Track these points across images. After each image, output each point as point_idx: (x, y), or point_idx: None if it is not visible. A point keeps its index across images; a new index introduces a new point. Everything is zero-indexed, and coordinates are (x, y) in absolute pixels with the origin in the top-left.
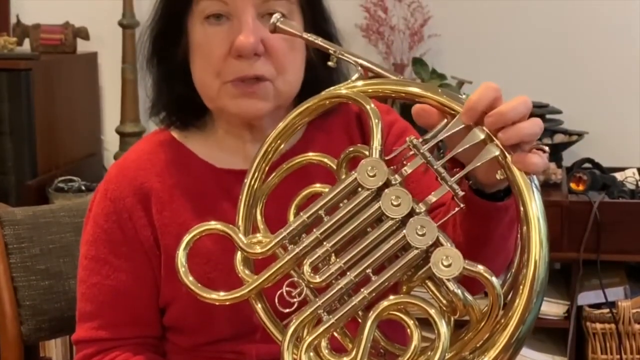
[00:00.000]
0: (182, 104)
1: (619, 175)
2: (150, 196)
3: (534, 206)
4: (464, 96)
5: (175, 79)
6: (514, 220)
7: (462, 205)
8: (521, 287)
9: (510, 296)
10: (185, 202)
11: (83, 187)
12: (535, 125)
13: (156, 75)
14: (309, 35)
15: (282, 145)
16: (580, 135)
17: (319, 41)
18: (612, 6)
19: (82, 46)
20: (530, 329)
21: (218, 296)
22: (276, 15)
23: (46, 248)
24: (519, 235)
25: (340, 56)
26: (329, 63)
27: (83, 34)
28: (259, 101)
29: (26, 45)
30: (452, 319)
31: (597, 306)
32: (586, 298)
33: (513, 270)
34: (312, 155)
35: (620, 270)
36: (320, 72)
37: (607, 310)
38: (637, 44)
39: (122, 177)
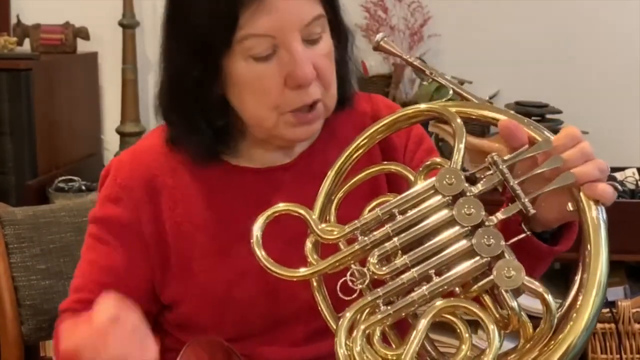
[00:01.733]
0: (219, 135)
1: (619, 175)
2: (162, 191)
3: (601, 242)
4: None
5: (211, 116)
6: (551, 261)
7: (528, 233)
8: (574, 314)
9: (563, 320)
10: (199, 201)
11: (83, 187)
12: (595, 168)
13: (191, 116)
14: (408, 56)
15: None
16: None
17: (417, 62)
18: (612, 6)
19: (82, 46)
20: (579, 353)
21: (289, 272)
22: (381, 34)
23: (46, 248)
24: (580, 265)
25: (435, 78)
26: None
27: (83, 34)
28: (314, 125)
29: (26, 45)
30: (504, 333)
31: None
32: None
33: (570, 299)
34: (393, 166)
35: (620, 270)
36: (341, 69)
37: (607, 309)
38: (637, 44)
39: (136, 164)
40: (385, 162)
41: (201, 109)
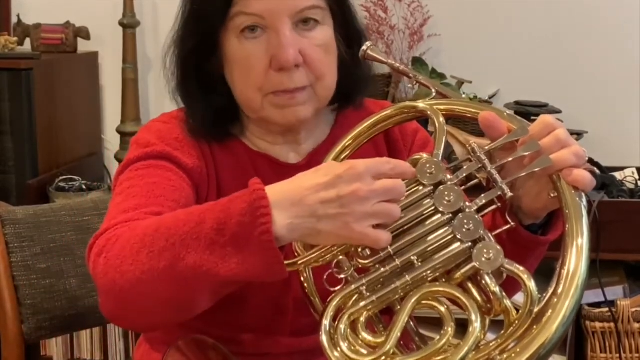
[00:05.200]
0: (220, 115)
1: (618, 175)
2: (206, 159)
3: (581, 233)
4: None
5: (212, 94)
6: (544, 253)
7: (512, 224)
8: (556, 299)
9: (545, 303)
10: (227, 171)
11: (84, 187)
12: (571, 154)
13: (192, 92)
14: (394, 62)
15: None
16: (579, 134)
17: (402, 67)
18: (611, 6)
19: (82, 46)
20: (563, 336)
21: None
22: (367, 44)
23: (47, 247)
24: (562, 250)
25: (418, 80)
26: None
27: (84, 33)
28: (302, 107)
29: (27, 45)
30: (487, 320)
31: (597, 305)
32: (585, 297)
33: (552, 287)
34: None
35: (619, 269)
36: (352, 69)
37: (607, 309)
38: (636, 43)
39: (182, 127)
40: None
41: (200, 84)
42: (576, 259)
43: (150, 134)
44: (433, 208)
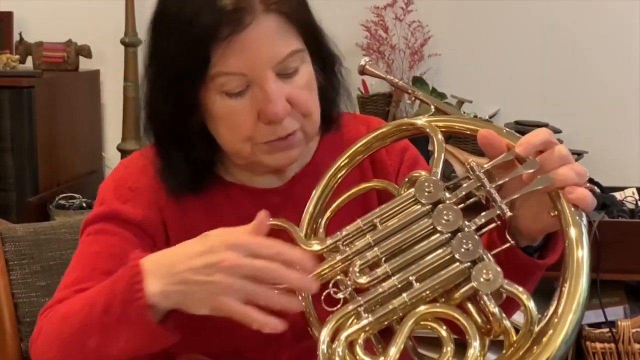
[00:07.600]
0: (200, 168)
1: (618, 195)
2: (168, 201)
3: (581, 248)
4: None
5: (194, 149)
6: (540, 276)
7: (512, 242)
8: (556, 319)
9: (546, 323)
10: (201, 214)
11: (84, 204)
12: (572, 171)
13: (171, 152)
14: (392, 77)
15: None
16: (579, 154)
17: (400, 82)
18: (611, 26)
19: (84, 64)
20: (564, 356)
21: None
22: (366, 59)
23: (47, 265)
24: (562, 272)
25: (417, 96)
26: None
27: (85, 51)
28: (294, 150)
29: (29, 63)
30: (487, 340)
31: (597, 325)
32: (586, 317)
33: (553, 306)
34: (377, 183)
35: (619, 289)
36: (330, 94)
37: (607, 329)
38: (636, 64)
39: (141, 171)
40: (370, 181)
41: (182, 141)
42: (577, 275)
43: (108, 185)
44: (431, 227)
